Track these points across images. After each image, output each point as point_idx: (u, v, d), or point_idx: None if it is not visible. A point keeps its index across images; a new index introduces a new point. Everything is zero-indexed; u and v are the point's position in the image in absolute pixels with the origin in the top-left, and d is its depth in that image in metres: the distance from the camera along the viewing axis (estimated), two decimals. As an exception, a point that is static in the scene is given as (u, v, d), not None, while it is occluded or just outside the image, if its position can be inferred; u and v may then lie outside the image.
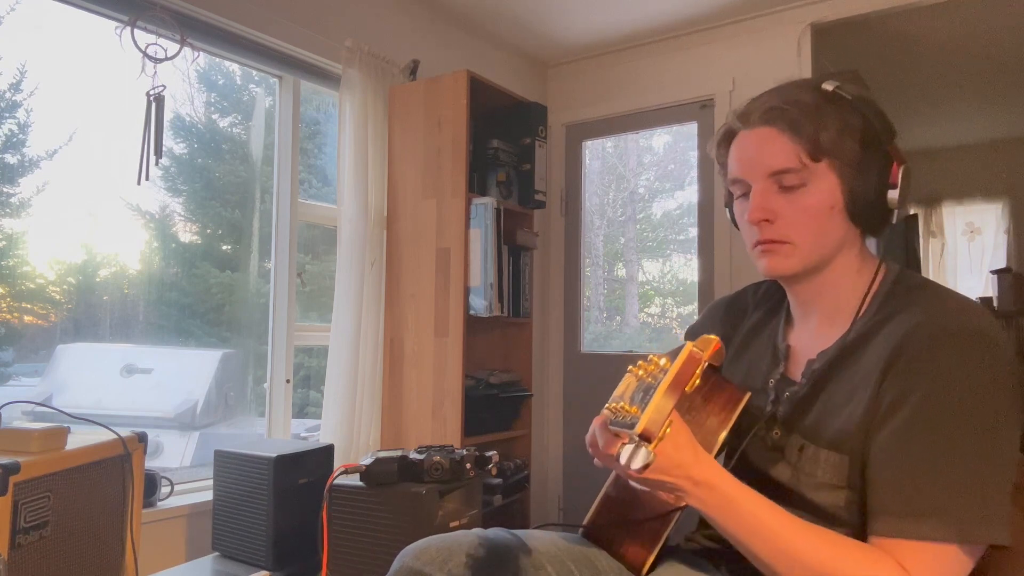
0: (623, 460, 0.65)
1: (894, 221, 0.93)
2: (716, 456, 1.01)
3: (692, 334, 1.27)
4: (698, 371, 0.67)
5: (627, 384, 0.74)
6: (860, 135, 0.91)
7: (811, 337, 1.00)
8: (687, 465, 0.75)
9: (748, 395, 1.02)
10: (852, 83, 0.95)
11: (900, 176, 0.90)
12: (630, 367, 0.76)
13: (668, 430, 0.66)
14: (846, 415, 0.88)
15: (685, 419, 0.75)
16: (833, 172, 0.91)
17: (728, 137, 1.01)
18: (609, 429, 0.73)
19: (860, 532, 0.87)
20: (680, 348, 0.70)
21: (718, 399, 1.02)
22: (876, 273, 0.96)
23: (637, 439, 0.64)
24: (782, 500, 0.94)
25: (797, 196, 0.92)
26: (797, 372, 0.99)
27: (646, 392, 0.68)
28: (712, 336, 0.71)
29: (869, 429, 0.85)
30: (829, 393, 0.92)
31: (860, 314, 0.94)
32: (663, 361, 0.70)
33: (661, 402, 0.65)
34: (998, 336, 0.83)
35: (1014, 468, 0.80)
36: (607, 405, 0.73)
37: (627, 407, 0.68)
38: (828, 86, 0.93)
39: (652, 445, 0.64)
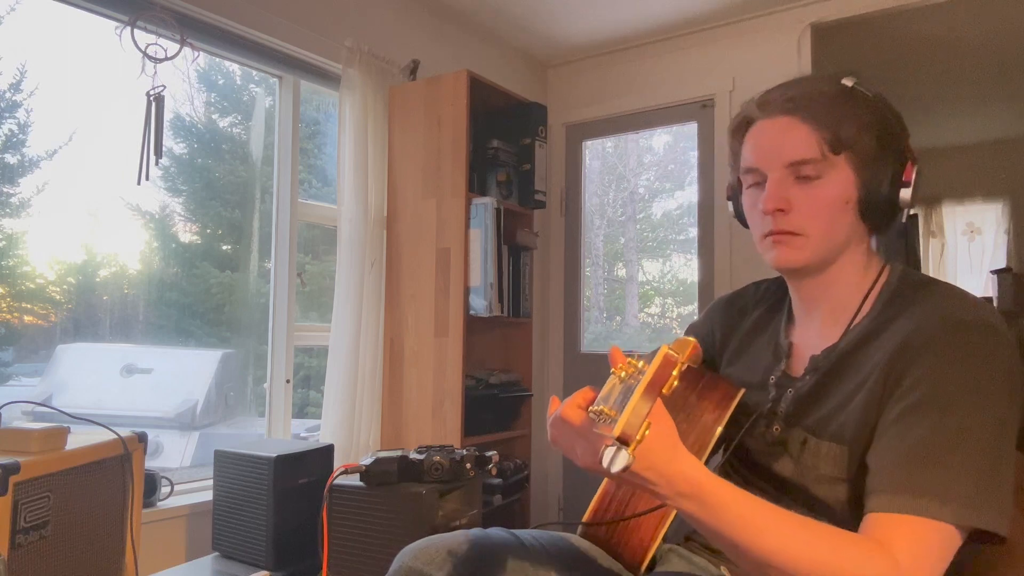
0: (605, 463, 0.65)
1: (903, 220, 0.94)
2: (712, 452, 1.01)
3: (693, 333, 1.27)
4: (675, 373, 0.67)
5: (611, 386, 0.74)
6: (877, 132, 0.91)
7: (814, 335, 1.00)
8: (663, 467, 0.72)
9: (742, 392, 1.02)
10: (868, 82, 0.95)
11: (913, 175, 0.91)
12: (613, 368, 0.76)
13: (647, 432, 0.66)
14: (851, 408, 0.88)
15: (679, 418, 0.74)
16: (850, 166, 0.91)
17: (744, 126, 0.99)
18: (593, 432, 0.72)
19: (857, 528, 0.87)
20: (656, 351, 0.70)
21: (712, 397, 1.03)
22: (881, 272, 0.96)
23: (615, 441, 0.65)
24: (786, 494, 0.94)
25: (813, 187, 0.92)
26: (799, 368, 0.99)
27: (625, 395, 0.68)
28: (689, 338, 0.71)
29: (874, 417, 0.85)
30: (834, 388, 0.92)
31: (866, 312, 0.94)
32: (641, 364, 0.70)
33: (638, 405, 0.65)
34: (1006, 330, 0.83)
35: (1014, 460, 0.80)
36: (591, 407, 0.74)
37: (607, 410, 0.69)
38: (848, 82, 0.94)
39: (631, 448, 0.65)
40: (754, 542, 0.74)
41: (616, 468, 0.64)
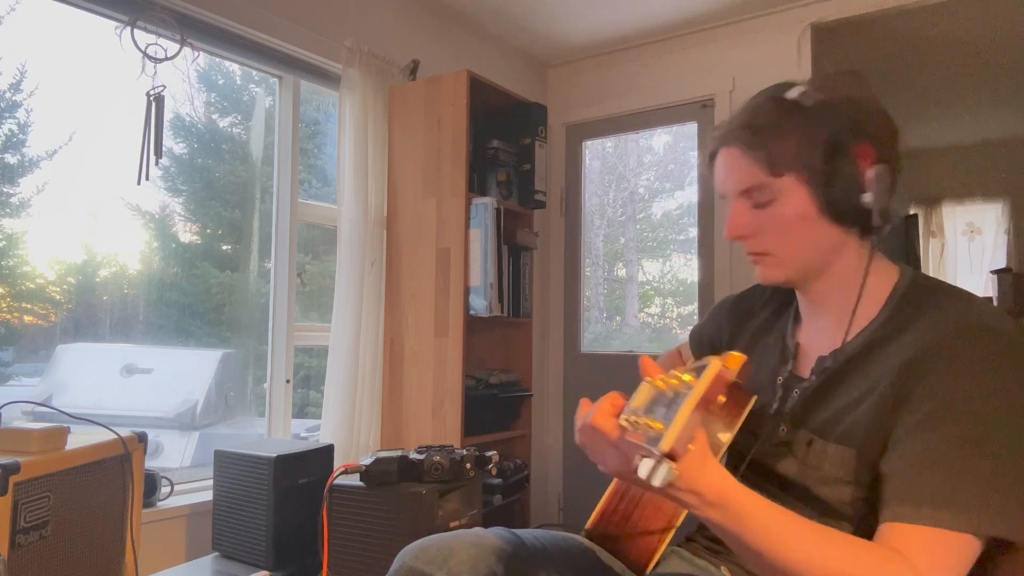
0: (643, 474, 0.65)
1: (891, 220, 0.92)
2: (721, 456, 1.01)
3: (697, 333, 1.27)
4: (725, 389, 0.67)
5: (645, 395, 0.73)
6: (823, 143, 0.89)
7: (821, 335, 1.00)
8: (704, 483, 0.73)
9: (755, 398, 1.02)
10: (827, 86, 0.92)
11: (874, 179, 0.88)
12: (648, 378, 0.75)
13: (692, 447, 0.65)
14: (859, 412, 0.88)
15: None
16: (800, 184, 0.91)
17: (713, 155, 1.02)
18: (626, 441, 0.72)
19: (863, 528, 0.87)
20: (704, 365, 0.69)
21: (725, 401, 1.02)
22: (868, 268, 0.95)
23: (660, 455, 0.64)
24: (787, 494, 0.94)
25: (769, 211, 0.94)
26: (806, 369, 0.99)
27: (668, 407, 0.67)
28: (738, 353, 0.70)
29: (886, 424, 0.85)
30: (841, 390, 0.92)
31: (874, 315, 0.93)
32: (687, 377, 0.69)
33: (687, 421, 0.64)
34: (1019, 336, 0.83)
35: None
36: (624, 416, 0.73)
37: (650, 422, 0.67)
38: (792, 94, 0.92)
39: (676, 464, 0.64)
40: (778, 551, 0.75)
41: (659, 482, 0.64)
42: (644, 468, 0.65)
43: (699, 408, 0.66)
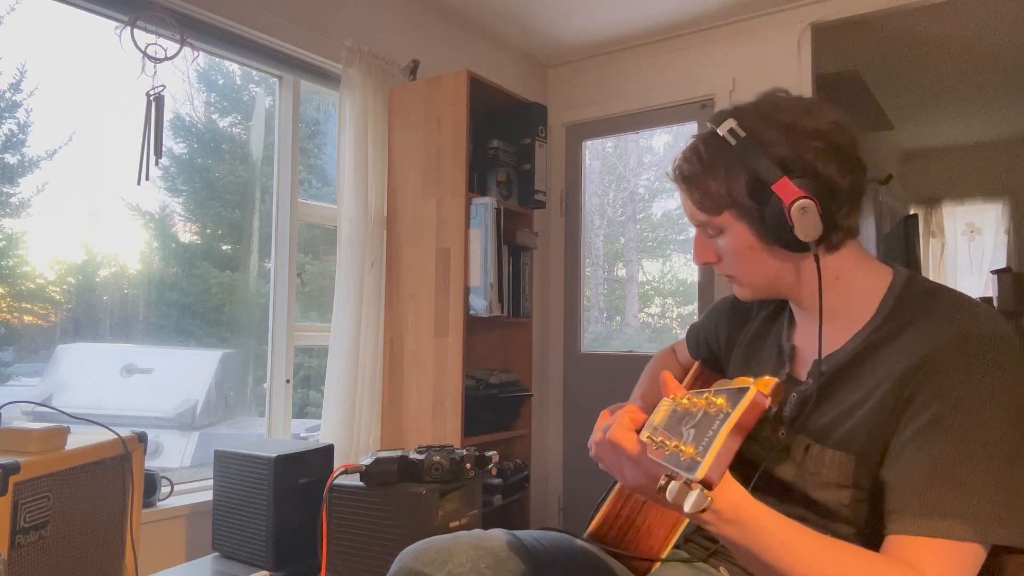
0: (671, 497, 0.64)
1: (844, 238, 0.91)
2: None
3: (694, 333, 1.27)
4: (762, 417, 0.66)
5: (666, 412, 0.72)
6: (746, 182, 0.89)
7: (816, 338, 0.99)
8: (723, 501, 0.72)
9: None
10: (764, 111, 0.90)
11: (792, 214, 0.86)
12: (672, 395, 0.74)
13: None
14: (857, 417, 0.88)
15: None
16: (737, 219, 0.93)
17: None
18: (648, 459, 0.72)
19: (863, 530, 0.87)
20: (739, 389, 0.67)
21: None
22: (853, 268, 0.94)
23: (694, 482, 0.63)
24: (785, 498, 0.94)
25: (721, 241, 0.97)
26: (803, 372, 0.99)
27: (697, 428, 0.66)
28: (772, 378, 0.69)
29: (886, 431, 0.84)
30: (839, 395, 0.91)
31: (869, 319, 0.92)
32: (720, 400, 0.68)
33: (722, 450, 0.63)
34: (1017, 341, 0.83)
35: None
36: (645, 432, 0.72)
37: (680, 444, 0.66)
38: (722, 130, 0.91)
39: (711, 491, 0.64)
40: (791, 566, 0.74)
41: (692, 508, 0.63)
42: (672, 491, 0.64)
43: (735, 435, 0.65)
